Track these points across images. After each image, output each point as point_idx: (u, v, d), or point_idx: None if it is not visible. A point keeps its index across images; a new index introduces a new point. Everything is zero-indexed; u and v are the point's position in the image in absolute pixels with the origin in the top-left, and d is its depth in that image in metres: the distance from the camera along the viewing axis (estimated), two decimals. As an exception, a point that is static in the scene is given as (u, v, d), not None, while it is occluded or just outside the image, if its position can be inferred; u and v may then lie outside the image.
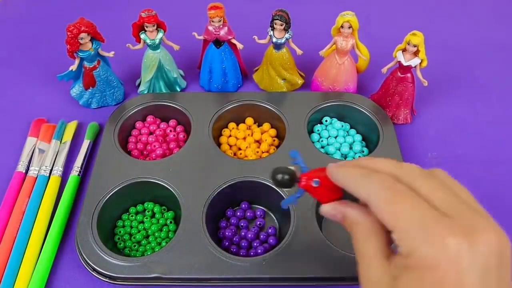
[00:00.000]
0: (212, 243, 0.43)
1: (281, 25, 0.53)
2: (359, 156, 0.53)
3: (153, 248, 0.46)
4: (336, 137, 0.55)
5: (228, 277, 0.41)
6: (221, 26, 0.55)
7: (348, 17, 0.53)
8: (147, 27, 0.54)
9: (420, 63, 0.52)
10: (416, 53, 0.52)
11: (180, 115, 0.56)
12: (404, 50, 0.52)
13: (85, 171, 0.53)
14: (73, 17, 0.53)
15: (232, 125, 0.57)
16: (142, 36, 0.55)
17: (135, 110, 0.56)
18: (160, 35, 0.55)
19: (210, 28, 0.56)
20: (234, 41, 0.57)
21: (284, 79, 0.60)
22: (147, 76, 0.58)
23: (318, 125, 0.57)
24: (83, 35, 0.52)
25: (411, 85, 0.55)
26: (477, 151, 0.55)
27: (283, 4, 0.57)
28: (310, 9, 0.76)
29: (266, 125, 0.57)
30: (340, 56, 0.56)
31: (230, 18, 0.57)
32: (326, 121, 0.57)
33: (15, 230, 0.46)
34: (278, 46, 0.56)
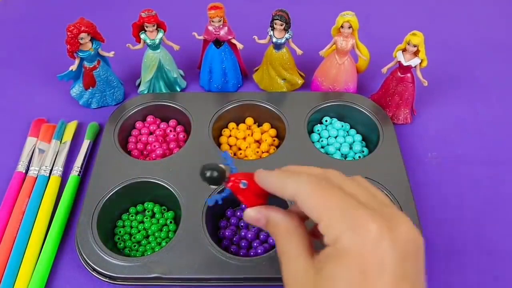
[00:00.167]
0: (212, 243, 0.43)
1: (281, 25, 0.53)
2: (359, 156, 0.53)
3: (153, 248, 0.46)
4: (336, 137, 0.55)
5: (228, 277, 0.41)
6: (221, 26, 0.55)
7: (348, 17, 0.53)
8: (147, 27, 0.54)
9: (420, 63, 0.52)
10: (416, 53, 0.52)
11: (180, 115, 0.56)
12: (404, 50, 0.52)
13: (85, 171, 0.53)
14: (73, 17, 0.53)
15: (232, 125, 0.57)
16: (142, 36, 0.55)
17: (135, 110, 0.56)
18: (160, 35, 0.55)
19: (210, 28, 0.56)
20: (234, 41, 0.57)
21: (284, 79, 0.60)
22: (147, 76, 0.58)
23: (318, 125, 0.57)
24: (83, 35, 0.52)
25: (411, 85, 0.55)
26: (477, 151, 0.55)
27: (283, 4, 0.57)
28: (310, 9, 0.76)
29: (266, 125, 0.57)
30: (340, 56, 0.56)
31: (230, 18, 0.57)
32: (326, 121, 0.57)
33: (15, 230, 0.46)
34: (278, 46, 0.56)
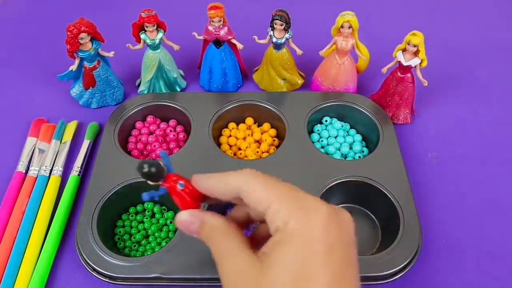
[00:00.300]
0: (212, 243, 0.43)
1: (281, 25, 0.53)
2: (359, 156, 0.53)
3: (153, 248, 0.46)
4: (336, 137, 0.55)
5: (228, 277, 0.41)
6: (221, 26, 0.55)
7: (348, 17, 0.53)
8: (147, 27, 0.54)
9: (420, 63, 0.52)
10: (416, 53, 0.52)
11: (180, 115, 0.56)
12: (404, 50, 0.52)
13: (85, 171, 0.53)
14: (73, 17, 0.53)
15: (232, 125, 0.57)
16: (142, 36, 0.55)
17: (135, 110, 0.56)
18: (160, 35, 0.55)
19: (210, 28, 0.56)
20: (234, 41, 0.57)
21: (284, 79, 0.60)
22: (147, 76, 0.58)
23: (318, 125, 0.57)
24: (83, 35, 0.52)
25: (411, 85, 0.55)
26: (477, 151, 0.55)
27: (283, 4, 0.57)
28: (310, 9, 0.76)
29: (266, 125, 0.57)
30: (340, 56, 0.56)
31: (230, 18, 0.57)
32: (326, 121, 0.57)
33: (15, 230, 0.46)
34: (278, 46, 0.56)
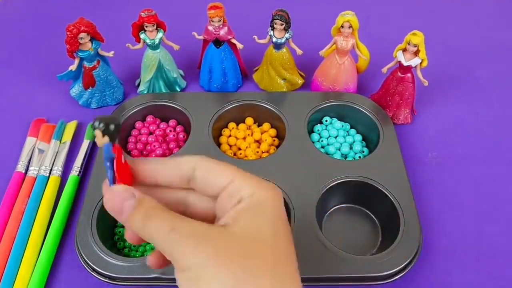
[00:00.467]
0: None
1: (281, 25, 0.53)
2: (359, 156, 0.53)
3: (153, 248, 0.46)
4: (336, 137, 0.55)
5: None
6: (221, 26, 0.55)
7: (348, 17, 0.53)
8: (147, 27, 0.54)
9: (421, 63, 0.52)
10: (416, 53, 0.52)
11: (180, 115, 0.56)
12: (404, 50, 0.52)
13: (85, 171, 0.53)
14: (73, 17, 0.53)
15: (232, 125, 0.57)
16: (142, 36, 0.55)
17: (135, 110, 0.56)
18: (160, 35, 0.55)
19: (210, 28, 0.56)
20: (234, 41, 0.57)
21: (284, 79, 0.60)
22: (147, 76, 0.58)
23: (318, 125, 0.57)
24: (83, 35, 0.52)
25: (411, 85, 0.54)
26: (477, 151, 0.55)
27: (283, 4, 0.57)
28: (310, 9, 0.76)
29: (266, 125, 0.57)
30: (340, 56, 0.56)
31: (230, 18, 0.57)
32: (326, 121, 0.57)
33: (14, 230, 0.46)
34: (278, 46, 0.56)
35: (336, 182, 0.48)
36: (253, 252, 0.24)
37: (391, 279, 0.42)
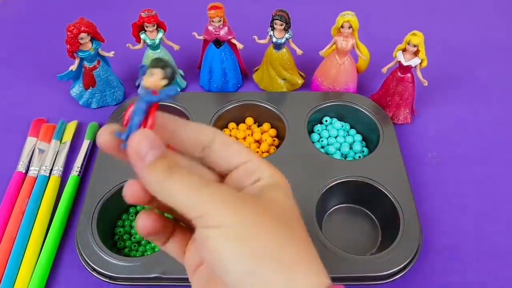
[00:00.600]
0: (212, 243, 0.43)
1: (281, 25, 0.53)
2: (359, 156, 0.53)
3: (153, 248, 0.46)
4: (336, 137, 0.55)
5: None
6: (221, 26, 0.55)
7: (348, 17, 0.53)
8: (147, 27, 0.54)
9: (420, 63, 0.52)
10: (416, 53, 0.52)
11: (180, 115, 0.56)
12: (404, 50, 0.52)
13: (85, 171, 0.53)
14: (73, 17, 0.53)
15: (232, 125, 0.57)
16: (142, 36, 0.55)
17: (135, 110, 0.56)
18: (160, 35, 0.55)
19: (210, 28, 0.56)
20: (234, 41, 0.57)
21: (284, 79, 0.60)
22: (147, 76, 0.58)
23: (318, 125, 0.57)
24: (83, 35, 0.52)
25: (411, 85, 0.55)
26: (477, 151, 0.55)
27: (283, 4, 0.57)
28: (310, 9, 0.76)
29: (266, 125, 0.57)
30: (340, 56, 0.56)
31: (230, 18, 0.57)
32: (326, 121, 0.57)
33: (15, 230, 0.46)
34: (278, 46, 0.56)
35: (336, 182, 0.48)
36: (288, 222, 0.25)
37: (391, 279, 0.42)
